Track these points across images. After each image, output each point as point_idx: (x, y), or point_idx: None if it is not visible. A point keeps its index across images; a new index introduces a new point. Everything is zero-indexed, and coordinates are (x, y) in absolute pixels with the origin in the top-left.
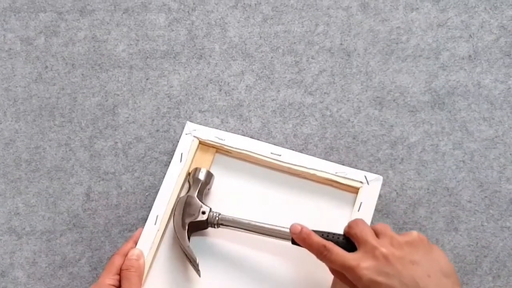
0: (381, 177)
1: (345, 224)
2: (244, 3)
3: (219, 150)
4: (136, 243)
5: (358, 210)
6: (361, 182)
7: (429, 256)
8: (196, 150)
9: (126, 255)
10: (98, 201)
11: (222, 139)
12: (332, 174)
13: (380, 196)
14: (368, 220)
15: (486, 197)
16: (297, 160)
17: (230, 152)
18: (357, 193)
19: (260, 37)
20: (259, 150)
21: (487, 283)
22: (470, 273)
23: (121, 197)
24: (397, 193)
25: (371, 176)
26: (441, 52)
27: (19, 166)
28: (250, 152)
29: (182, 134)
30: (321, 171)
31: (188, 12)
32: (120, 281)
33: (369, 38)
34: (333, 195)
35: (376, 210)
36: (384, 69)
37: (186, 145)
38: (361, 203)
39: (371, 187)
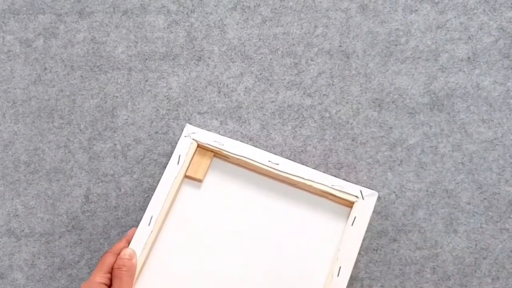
0: (376, 193)
1: (338, 237)
2: (243, 5)
3: (217, 154)
4: (129, 243)
5: (352, 225)
6: (356, 196)
7: None
8: (194, 153)
9: (118, 254)
10: (97, 203)
11: (221, 144)
12: (328, 186)
13: (379, 198)
14: (360, 235)
15: (485, 199)
16: (294, 170)
17: (228, 157)
18: (351, 207)
19: (259, 39)
20: (257, 157)
21: (486, 285)
22: (469, 275)
23: (120, 199)
24: (396, 195)
25: (366, 191)
26: (440, 54)
27: (18, 168)
28: (248, 158)
29: (181, 137)
30: (318, 182)
31: (187, 14)
32: (111, 279)
33: (368, 40)
34: (328, 208)
35: (375, 212)
36: (383, 71)
37: (184, 148)
38: (355, 217)
39: (366, 202)
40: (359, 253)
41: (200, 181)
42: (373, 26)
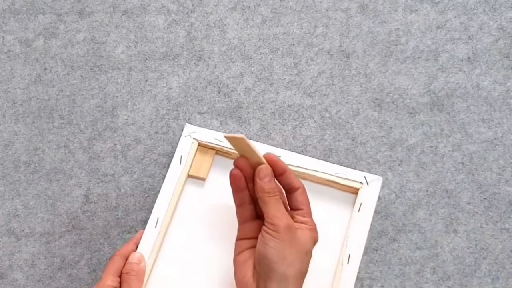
0: (380, 178)
1: (345, 224)
2: (243, 5)
3: (219, 152)
4: (137, 246)
5: (358, 211)
6: (360, 182)
7: None
8: (196, 152)
9: (126, 257)
10: (97, 203)
11: (221, 141)
12: (332, 175)
13: (379, 198)
14: (367, 221)
15: (485, 199)
16: (296, 161)
17: (230, 154)
18: (357, 193)
19: (259, 38)
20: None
21: (486, 285)
22: (469, 275)
23: (120, 199)
24: (396, 195)
25: (370, 176)
26: (440, 54)
27: (18, 168)
28: None
29: (182, 136)
30: (321, 172)
31: (187, 14)
32: (121, 283)
33: (368, 40)
34: (333, 196)
35: (375, 212)
36: (383, 70)
37: (185, 148)
38: (361, 203)
39: (370, 188)
40: None
41: (203, 179)
42: (373, 26)
